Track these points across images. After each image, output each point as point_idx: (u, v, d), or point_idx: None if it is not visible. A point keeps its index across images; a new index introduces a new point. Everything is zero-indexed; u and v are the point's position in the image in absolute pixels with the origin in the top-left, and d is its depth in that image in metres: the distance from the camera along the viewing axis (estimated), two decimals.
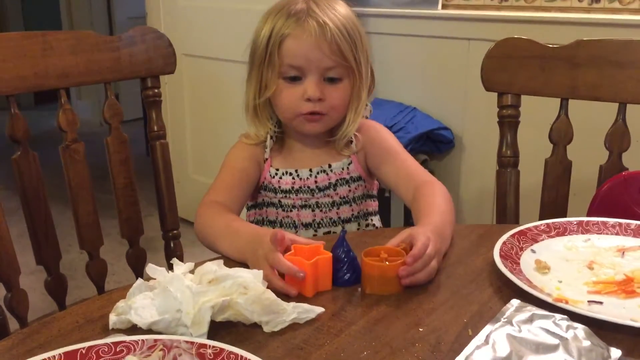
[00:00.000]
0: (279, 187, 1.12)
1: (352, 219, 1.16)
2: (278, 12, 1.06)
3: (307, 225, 1.13)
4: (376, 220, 1.20)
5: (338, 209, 1.14)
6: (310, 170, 1.12)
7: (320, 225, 1.14)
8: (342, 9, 1.07)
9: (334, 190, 1.13)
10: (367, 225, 1.18)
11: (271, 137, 1.13)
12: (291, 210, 1.13)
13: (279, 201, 1.13)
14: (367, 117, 1.16)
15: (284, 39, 1.03)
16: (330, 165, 1.12)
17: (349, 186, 1.13)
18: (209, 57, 2.68)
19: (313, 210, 1.13)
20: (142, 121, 3.87)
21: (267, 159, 1.13)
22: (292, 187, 1.12)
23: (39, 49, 1.15)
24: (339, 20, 1.04)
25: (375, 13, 2.58)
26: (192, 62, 2.71)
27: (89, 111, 4.65)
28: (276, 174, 1.12)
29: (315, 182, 1.12)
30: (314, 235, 1.13)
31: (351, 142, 1.13)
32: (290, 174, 1.12)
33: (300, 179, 1.12)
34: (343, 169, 1.13)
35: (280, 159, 1.13)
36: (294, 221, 1.13)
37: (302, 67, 1.04)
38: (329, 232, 1.13)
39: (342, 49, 1.03)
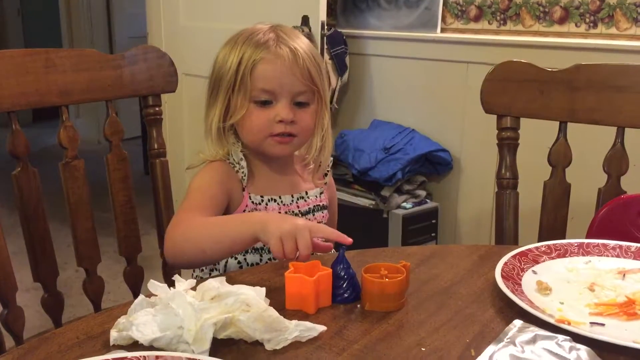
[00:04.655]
0: None
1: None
2: (245, 41, 1.08)
3: None
4: None
5: None
6: (292, 196, 1.15)
7: None
8: (305, 39, 1.12)
9: (313, 215, 1.17)
10: None
11: (239, 161, 1.11)
12: None
13: None
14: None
15: (256, 64, 1.06)
16: (307, 193, 1.17)
17: (322, 212, 1.19)
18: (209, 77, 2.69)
19: None
20: (140, 140, 3.88)
21: (244, 188, 1.11)
22: (279, 213, 1.12)
23: (41, 66, 1.15)
24: (306, 47, 1.09)
25: (375, 36, 2.61)
26: (193, 82, 2.71)
27: (88, 129, 4.66)
28: (262, 201, 1.12)
29: (297, 207, 1.15)
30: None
31: (325, 174, 1.20)
32: (275, 200, 1.13)
33: (284, 204, 1.14)
34: (317, 196, 1.18)
35: (256, 187, 1.13)
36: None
37: (274, 91, 1.06)
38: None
39: (312, 74, 1.07)
